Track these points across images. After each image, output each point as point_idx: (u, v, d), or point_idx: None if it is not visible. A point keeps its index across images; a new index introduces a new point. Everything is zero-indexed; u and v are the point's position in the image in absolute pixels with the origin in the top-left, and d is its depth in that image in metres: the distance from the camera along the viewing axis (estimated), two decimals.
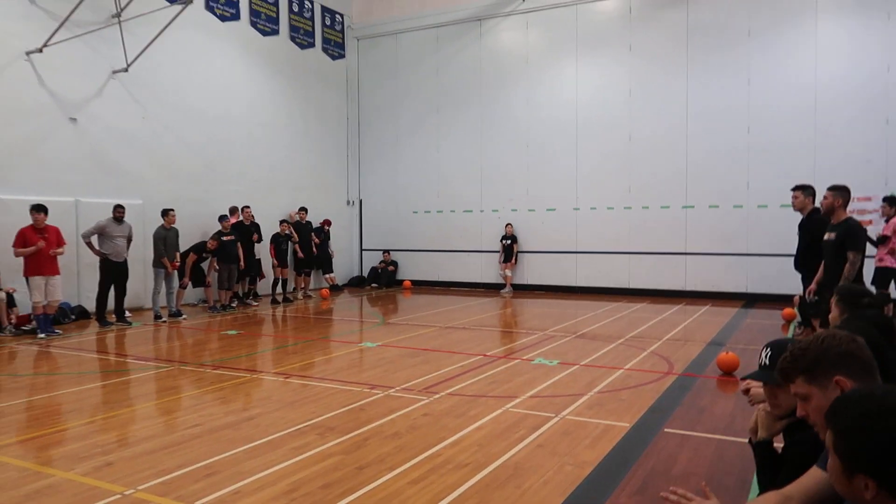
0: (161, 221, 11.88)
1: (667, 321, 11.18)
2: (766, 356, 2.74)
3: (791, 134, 13.57)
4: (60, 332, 10.33)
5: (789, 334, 9.70)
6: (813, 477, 2.13)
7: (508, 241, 16.33)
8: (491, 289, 16.71)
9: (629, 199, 15.24)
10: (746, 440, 3.05)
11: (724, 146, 14.19)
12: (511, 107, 16.62)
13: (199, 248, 12.72)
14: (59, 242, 10.27)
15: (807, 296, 7.42)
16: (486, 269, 17.08)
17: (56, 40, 11.21)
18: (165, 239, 11.73)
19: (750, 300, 13.72)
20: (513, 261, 16.32)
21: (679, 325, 10.78)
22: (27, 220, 10.06)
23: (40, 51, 11.19)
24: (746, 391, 3.56)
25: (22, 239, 9.89)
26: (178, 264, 12.01)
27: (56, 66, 11.54)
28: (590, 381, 6.83)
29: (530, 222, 16.45)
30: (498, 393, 6.35)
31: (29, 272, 9.93)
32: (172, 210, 11.98)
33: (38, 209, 10.03)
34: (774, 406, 2.75)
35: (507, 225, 16.41)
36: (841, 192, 6.81)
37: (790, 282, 11.48)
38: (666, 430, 5.18)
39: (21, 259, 9.97)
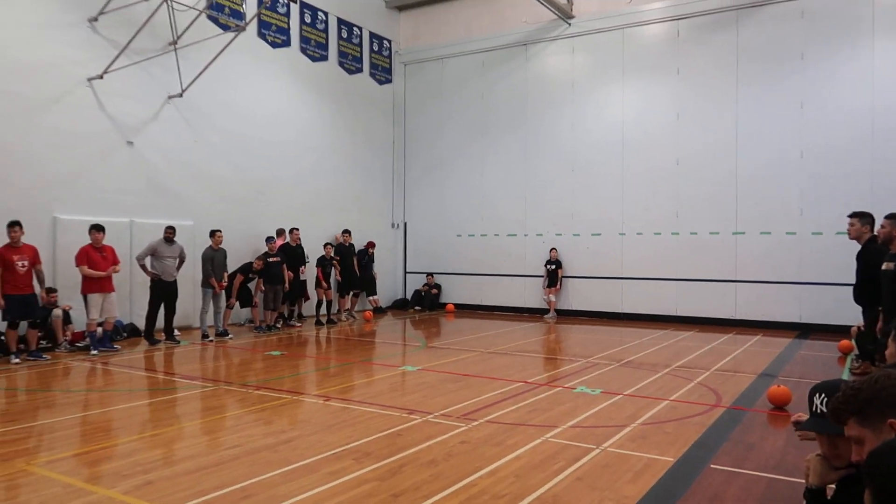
0: (209, 242, 12.17)
1: (715, 351, 10.85)
2: (820, 402, 2.58)
3: (847, 159, 13.13)
4: (119, 347, 10.66)
5: (846, 368, 9.29)
6: None
7: (553, 266, 16.18)
8: (534, 314, 16.55)
9: (677, 224, 14.95)
10: (799, 479, 2.90)
11: (776, 171, 13.82)
12: (556, 130, 16.57)
13: (246, 269, 12.96)
14: (115, 261, 10.63)
15: (878, 333, 7.07)
16: (530, 294, 16.93)
17: (116, 67, 11.69)
18: (213, 259, 12.00)
19: (804, 331, 13.23)
20: (557, 286, 16.15)
21: (728, 355, 10.45)
22: (86, 240, 10.44)
23: (101, 77, 11.69)
24: (797, 424, 3.39)
25: (85, 257, 10.28)
26: (225, 284, 12.25)
27: (115, 92, 12.02)
28: (633, 411, 6.65)
29: (575, 247, 16.27)
30: (538, 422, 6.23)
31: (88, 289, 10.29)
32: (219, 231, 12.27)
33: (98, 229, 10.45)
34: (834, 457, 2.59)
35: (551, 249, 16.27)
36: None
37: (847, 312, 11.08)
38: (712, 465, 4.98)
39: (78, 277, 10.35)
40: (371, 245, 16.90)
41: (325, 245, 15.08)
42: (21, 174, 10.76)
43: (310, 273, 14.81)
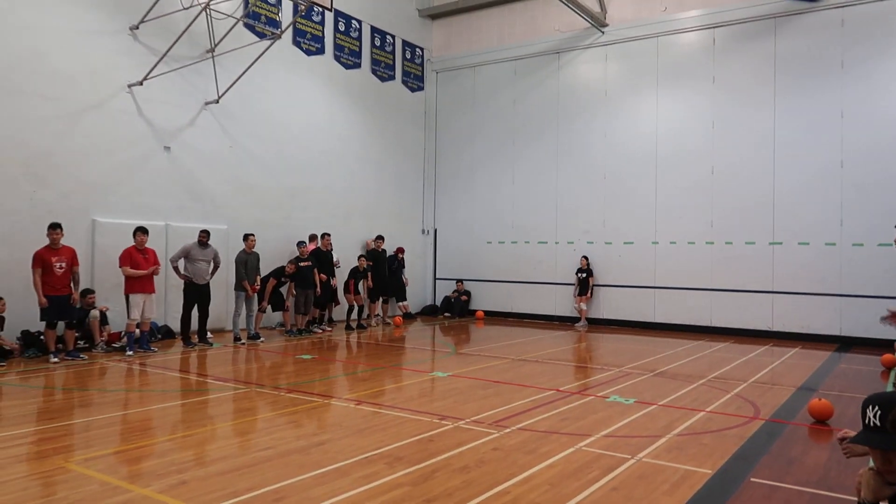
0: (243, 246, 12.31)
1: (752, 363, 10.61)
2: (874, 415, 2.46)
3: (889, 169, 12.79)
4: (156, 349, 10.83)
5: (889, 382, 9.01)
6: None
7: (584, 275, 16.02)
8: (565, 322, 16.40)
9: (711, 233, 14.70)
10: (844, 496, 2.80)
11: (815, 181, 13.52)
12: (588, 139, 16.45)
13: (279, 273, 13.07)
14: (156, 263, 10.83)
15: None
16: (561, 302, 16.79)
17: (155, 74, 11.93)
18: (246, 263, 12.13)
19: (844, 344, 12.88)
20: (588, 294, 15.99)
21: (766, 367, 10.21)
22: (123, 242, 10.66)
23: (141, 83, 11.93)
24: (841, 440, 3.28)
25: (129, 258, 10.50)
26: (257, 287, 12.36)
27: (154, 98, 12.26)
28: (668, 422, 6.51)
29: (607, 255, 16.10)
30: (570, 430, 6.14)
31: (131, 289, 10.50)
32: (252, 235, 12.40)
33: (142, 231, 10.72)
34: (888, 472, 2.49)
35: (582, 257, 16.12)
36: None
37: (889, 326, 10.76)
38: (752, 479, 4.85)
39: (122, 278, 10.61)
40: (401, 251, 16.94)
41: (360, 257, 15.12)
42: (61, 178, 11.01)
43: (340, 279, 14.88)
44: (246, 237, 12.33)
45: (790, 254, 13.84)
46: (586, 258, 16.09)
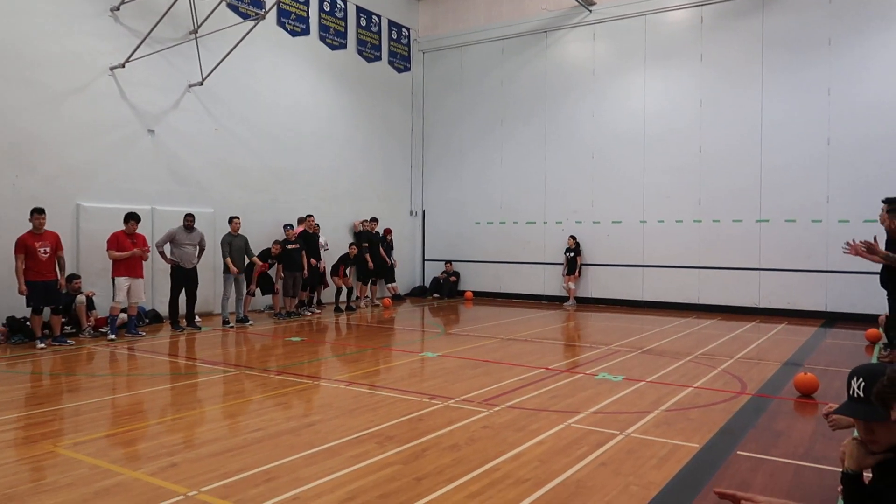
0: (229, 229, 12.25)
1: (739, 339, 10.71)
2: (858, 387, 2.50)
3: (875, 147, 12.87)
4: (144, 333, 10.78)
5: (874, 357, 9.13)
6: None
7: (571, 254, 16.07)
8: (554, 301, 16.47)
9: (699, 212, 14.76)
10: (828, 467, 2.85)
11: (802, 158, 13.59)
12: (576, 118, 16.41)
13: (265, 256, 13.01)
14: (144, 247, 10.74)
15: None
16: (550, 282, 16.85)
17: (137, 56, 11.75)
18: (230, 244, 12.08)
19: (830, 319, 13.03)
20: (576, 273, 16.05)
21: (752, 343, 10.31)
22: (108, 227, 10.58)
23: (123, 66, 11.75)
24: (827, 415, 3.33)
25: (116, 243, 10.41)
26: (240, 270, 12.27)
27: (137, 81, 12.09)
28: (656, 398, 6.58)
29: (595, 235, 16.15)
30: (560, 407, 6.19)
31: (117, 272, 10.42)
32: (237, 217, 12.33)
33: (134, 219, 10.61)
34: (871, 441, 2.52)
35: (570, 237, 16.16)
36: None
37: (874, 301, 10.92)
38: (738, 452, 4.91)
39: (108, 263, 10.55)
40: (388, 232, 16.91)
41: (351, 245, 15.11)
42: (45, 162, 10.87)
43: (329, 263, 14.85)
44: (231, 220, 12.26)
45: (777, 231, 13.93)
46: (574, 238, 16.13)
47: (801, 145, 13.59)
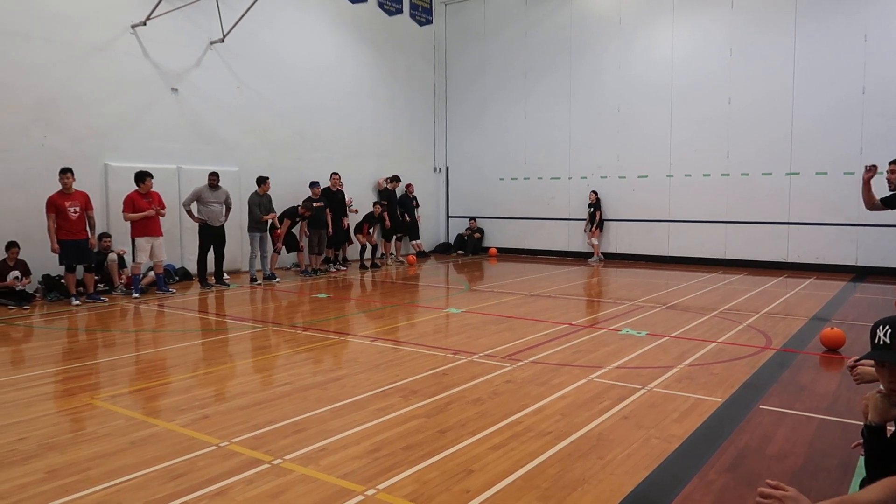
0: (256, 188, 12.32)
1: (766, 294, 10.62)
2: (885, 334, 2.47)
3: None
4: (174, 290, 11.01)
5: None
6: None
7: (591, 209, 15.94)
8: (578, 257, 16.42)
9: (727, 165, 14.48)
10: (852, 420, 2.84)
11: (835, 109, 13.18)
12: (601, 70, 16.06)
13: (292, 214, 13.10)
14: (161, 205, 10.88)
15: None
16: (574, 238, 16.77)
17: (158, 13, 11.69)
18: (259, 205, 12.17)
19: (860, 273, 12.83)
20: (594, 228, 15.91)
21: (779, 298, 10.22)
22: (135, 187, 10.68)
23: (144, 24, 11.72)
24: (852, 368, 3.31)
25: (131, 204, 10.53)
26: (275, 215, 12.43)
27: (158, 39, 12.07)
28: (679, 353, 6.59)
29: (621, 190, 15.96)
30: (582, 362, 6.23)
31: (136, 233, 10.59)
32: (268, 178, 12.38)
33: (147, 175, 10.67)
34: (894, 391, 2.51)
35: (591, 192, 16.00)
36: None
37: None
38: (761, 406, 4.92)
39: (129, 223, 10.65)
40: (410, 188, 16.90)
41: (375, 203, 15.16)
42: (72, 122, 10.99)
43: (353, 221, 14.94)
44: (263, 180, 12.30)
45: (807, 184, 13.64)
46: (594, 192, 15.96)
47: (835, 95, 13.17)
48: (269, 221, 12.47)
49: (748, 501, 3.22)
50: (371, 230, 14.95)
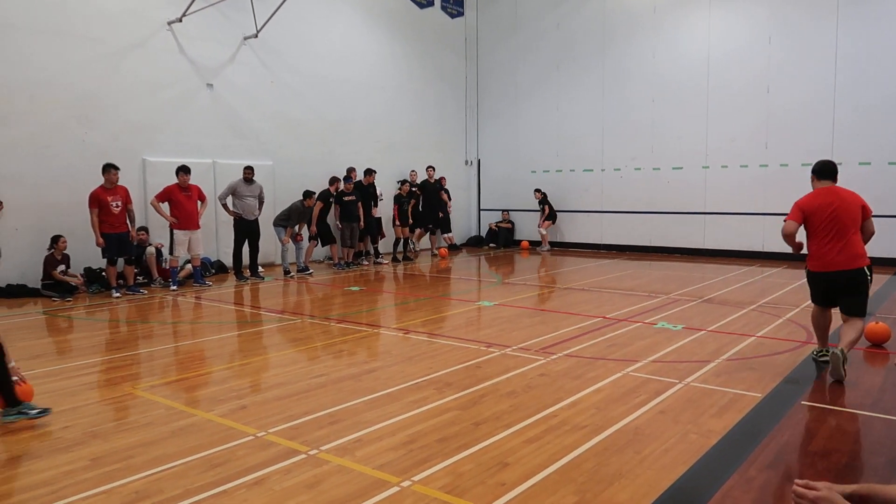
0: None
1: (806, 288, 10.31)
2: None
3: None
4: (210, 283, 11.19)
5: None
6: None
7: (541, 204, 15.87)
8: (612, 250, 16.25)
9: (766, 156, 14.16)
10: None
11: (880, 97, 12.77)
12: (636, 60, 15.82)
13: (325, 196, 13.04)
14: (201, 198, 11.06)
15: None
16: (607, 230, 16.59)
17: (193, 10, 11.85)
18: (301, 214, 12.34)
19: None
20: (544, 220, 15.72)
21: None
22: (173, 181, 10.86)
23: (180, 20, 11.90)
24: None
25: (166, 195, 10.72)
26: (307, 233, 12.60)
27: (193, 35, 12.24)
28: (717, 347, 6.48)
29: (655, 181, 15.73)
30: (618, 356, 6.17)
31: (174, 227, 10.77)
32: (315, 194, 12.57)
33: (184, 171, 10.85)
34: None
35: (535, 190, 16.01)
36: None
37: None
38: (803, 402, 4.82)
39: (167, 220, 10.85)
40: (443, 181, 16.86)
41: (403, 183, 15.13)
42: (110, 119, 11.22)
43: (385, 212, 14.97)
44: (309, 195, 12.41)
45: (849, 175, 13.17)
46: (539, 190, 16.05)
47: (880, 83, 12.76)
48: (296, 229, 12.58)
49: (790, 499, 3.15)
50: (404, 213, 14.82)
